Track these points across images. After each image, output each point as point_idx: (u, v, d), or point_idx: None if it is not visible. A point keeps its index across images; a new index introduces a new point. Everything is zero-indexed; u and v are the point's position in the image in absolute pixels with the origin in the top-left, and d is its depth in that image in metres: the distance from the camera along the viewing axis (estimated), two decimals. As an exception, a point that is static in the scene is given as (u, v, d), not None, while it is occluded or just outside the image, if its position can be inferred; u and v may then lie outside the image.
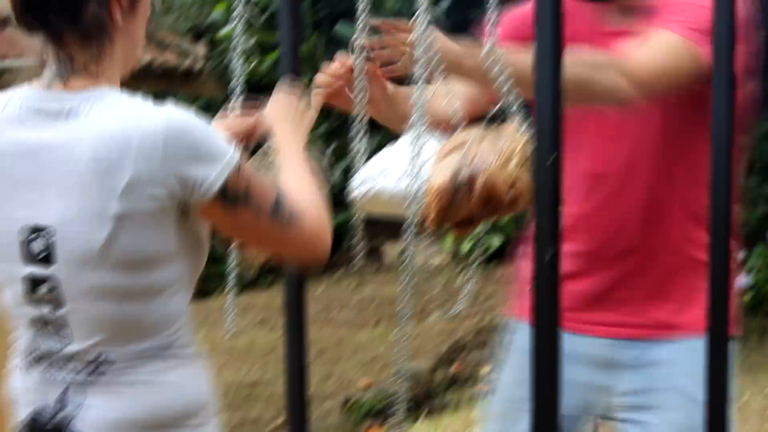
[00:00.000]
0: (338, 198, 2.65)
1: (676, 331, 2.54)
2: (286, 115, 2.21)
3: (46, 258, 1.82)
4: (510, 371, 2.69)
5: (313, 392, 6.84)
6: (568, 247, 2.46)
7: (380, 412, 6.24)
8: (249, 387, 7.38)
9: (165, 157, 1.77)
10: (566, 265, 2.48)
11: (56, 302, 1.85)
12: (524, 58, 2.02)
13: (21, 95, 1.90)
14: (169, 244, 1.84)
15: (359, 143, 2.30)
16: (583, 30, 2.50)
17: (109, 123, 1.79)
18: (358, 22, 2.28)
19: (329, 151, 8.67)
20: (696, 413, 2.50)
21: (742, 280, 8.12)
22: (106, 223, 1.77)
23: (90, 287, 1.83)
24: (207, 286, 11.39)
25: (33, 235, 1.83)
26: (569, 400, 2.59)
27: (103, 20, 1.87)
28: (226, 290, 2.48)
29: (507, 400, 2.67)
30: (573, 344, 2.53)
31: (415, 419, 6.40)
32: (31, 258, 1.84)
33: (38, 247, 1.83)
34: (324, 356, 8.02)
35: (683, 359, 2.51)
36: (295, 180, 2.05)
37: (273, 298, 10.33)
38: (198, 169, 1.79)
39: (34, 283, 1.85)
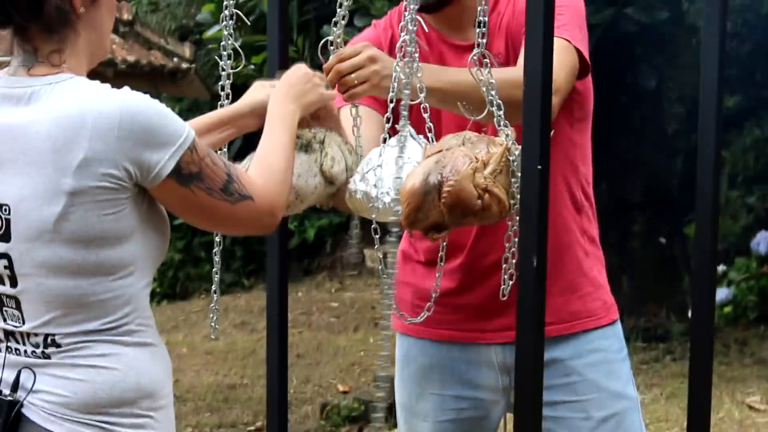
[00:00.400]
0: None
1: (574, 325, 2.56)
2: (292, 83, 2.21)
3: (4, 235, 1.87)
4: (404, 385, 2.71)
5: (291, 396, 6.80)
6: (452, 263, 2.52)
7: (358, 418, 6.24)
8: (228, 389, 7.37)
9: (119, 138, 1.82)
10: (452, 281, 2.53)
11: (13, 279, 1.89)
12: (506, 71, 2.17)
13: None
14: (122, 223, 1.88)
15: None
16: (433, 44, 2.59)
17: (67, 104, 1.84)
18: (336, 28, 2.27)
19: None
20: (611, 404, 2.55)
21: (723, 293, 8.16)
22: (59, 199, 1.82)
23: (42, 262, 1.87)
24: (187, 288, 11.44)
25: None
26: (478, 403, 2.63)
27: (65, 13, 1.92)
28: (209, 292, 2.47)
29: (411, 414, 2.70)
30: (473, 353, 2.61)
31: (393, 426, 6.40)
32: None
33: None
34: (303, 360, 8.02)
35: (586, 352, 2.56)
36: (266, 152, 2.09)
37: (253, 300, 10.34)
38: (152, 153, 1.84)
39: None
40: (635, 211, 8.49)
